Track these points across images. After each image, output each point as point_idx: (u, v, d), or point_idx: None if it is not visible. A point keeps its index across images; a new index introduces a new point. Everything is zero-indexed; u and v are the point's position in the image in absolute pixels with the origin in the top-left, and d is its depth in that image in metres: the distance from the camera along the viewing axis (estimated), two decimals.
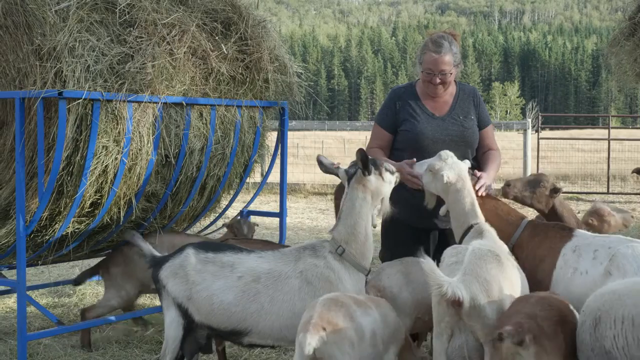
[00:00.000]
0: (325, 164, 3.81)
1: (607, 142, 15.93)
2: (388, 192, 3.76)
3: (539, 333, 2.82)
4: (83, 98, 4.04)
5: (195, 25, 4.67)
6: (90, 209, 4.38)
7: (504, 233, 3.84)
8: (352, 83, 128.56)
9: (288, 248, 3.81)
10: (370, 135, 4.54)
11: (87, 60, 4.12)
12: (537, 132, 15.93)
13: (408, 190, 4.05)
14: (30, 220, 4.18)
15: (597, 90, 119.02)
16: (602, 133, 21.55)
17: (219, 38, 4.84)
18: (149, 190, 4.62)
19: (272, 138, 5.61)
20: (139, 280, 4.91)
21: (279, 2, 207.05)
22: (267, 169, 5.85)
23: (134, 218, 4.68)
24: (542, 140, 15.98)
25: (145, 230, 4.90)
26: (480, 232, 3.63)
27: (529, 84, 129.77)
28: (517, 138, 19.67)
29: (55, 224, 4.31)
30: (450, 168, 3.75)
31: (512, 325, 2.82)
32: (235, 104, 4.92)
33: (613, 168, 15.84)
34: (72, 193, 4.20)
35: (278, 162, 5.62)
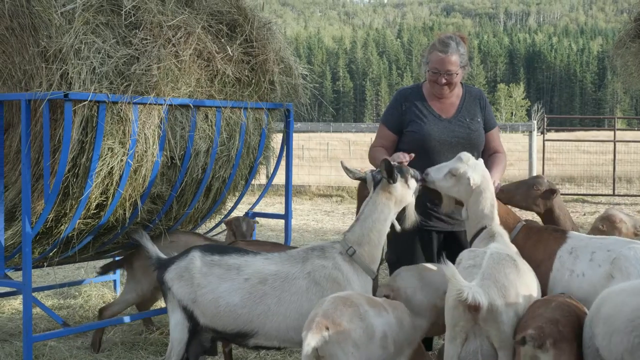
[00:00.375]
0: (352, 171, 3.84)
1: (612, 143, 15.90)
2: (413, 199, 3.77)
3: (559, 337, 2.88)
4: (89, 100, 4.04)
5: (201, 27, 4.68)
6: (96, 211, 4.39)
7: None
8: (357, 85, 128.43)
9: (295, 250, 3.81)
10: (376, 135, 4.54)
11: (92, 62, 4.13)
12: (542, 133, 15.84)
13: None
14: (36, 222, 4.19)
15: (602, 92, 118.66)
16: (607, 135, 21.53)
17: (225, 40, 4.84)
18: (155, 192, 4.62)
19: (277, 140, 5.62)
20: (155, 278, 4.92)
21: (284, 4, 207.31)
22: (272, 171, 5.86)
23: (140, 220, 4.69)
24: (547, 142, 15.92)
25: (157, 231, 4.90)
26: (493, 234, 3.60)
27: (535, 86, 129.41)
28: (522, 140, 19.65)
29: (61, 226, 4.32)
30: (474, 170, 3.69)
31: (534, 329, 2.87)
32: (241, 106, 4.93)
33: (619, 170, 15.80)
34: (77, 195, 4.21)
35: (283, 163, 5.62)
